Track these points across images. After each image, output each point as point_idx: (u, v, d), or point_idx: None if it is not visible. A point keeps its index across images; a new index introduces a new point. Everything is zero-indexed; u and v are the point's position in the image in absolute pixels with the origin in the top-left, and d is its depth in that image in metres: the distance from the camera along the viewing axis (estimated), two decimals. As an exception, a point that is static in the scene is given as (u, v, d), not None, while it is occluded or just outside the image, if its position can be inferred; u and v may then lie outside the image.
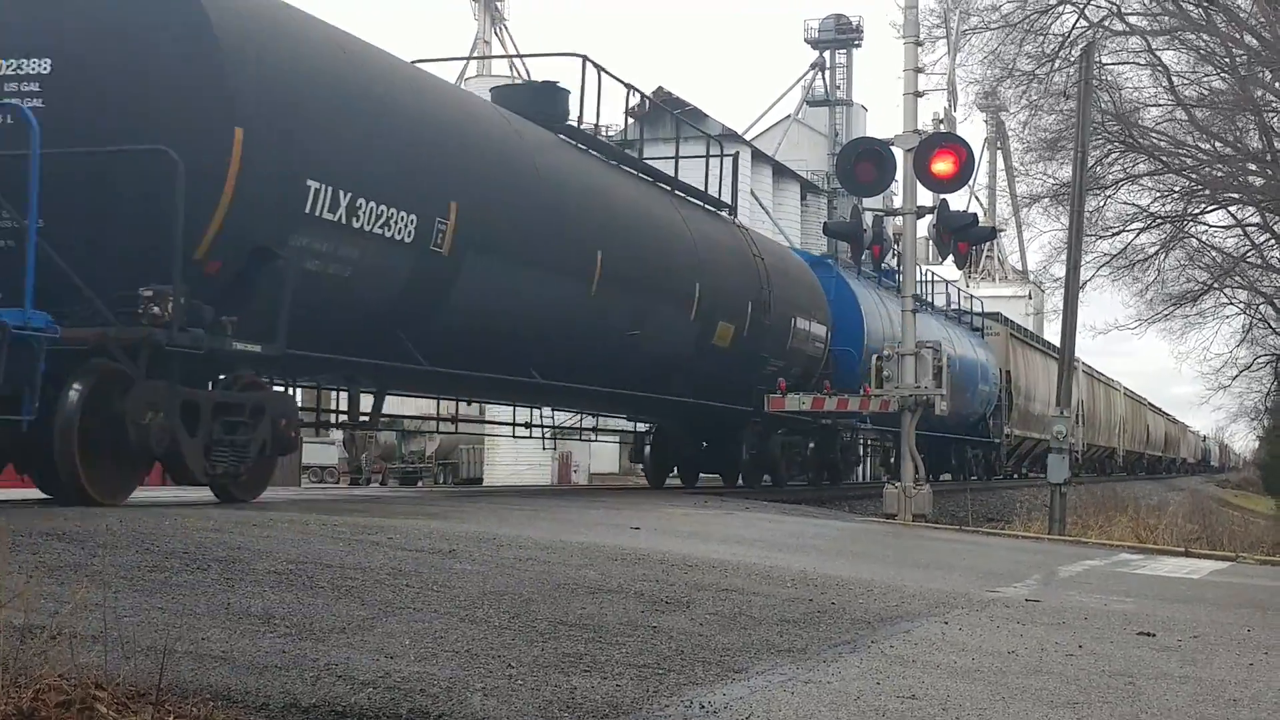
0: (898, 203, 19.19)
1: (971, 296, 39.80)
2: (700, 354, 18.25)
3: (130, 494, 9.52)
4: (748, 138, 52.04)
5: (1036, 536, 16.77)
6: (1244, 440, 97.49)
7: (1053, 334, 42.13)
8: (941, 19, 26.88)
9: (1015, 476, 42.96)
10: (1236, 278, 34.91)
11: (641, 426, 22.82)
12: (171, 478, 10.18)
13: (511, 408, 20.19)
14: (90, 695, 3.71)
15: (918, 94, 17.98)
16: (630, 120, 33.35)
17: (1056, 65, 27.18)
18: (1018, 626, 6.73)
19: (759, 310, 19.59)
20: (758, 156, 49.63)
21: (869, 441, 32.83)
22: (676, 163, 19.10)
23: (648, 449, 22.19)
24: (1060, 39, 27.04)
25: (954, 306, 36.06)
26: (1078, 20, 26.80)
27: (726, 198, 20.72)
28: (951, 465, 34.69)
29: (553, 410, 20.59)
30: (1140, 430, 69.08)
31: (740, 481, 21.58)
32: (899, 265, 21.45)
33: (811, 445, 23.93)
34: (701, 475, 22.82)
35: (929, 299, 32.84)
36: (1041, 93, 28.25)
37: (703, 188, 20.39)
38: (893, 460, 34.66)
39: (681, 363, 17.93)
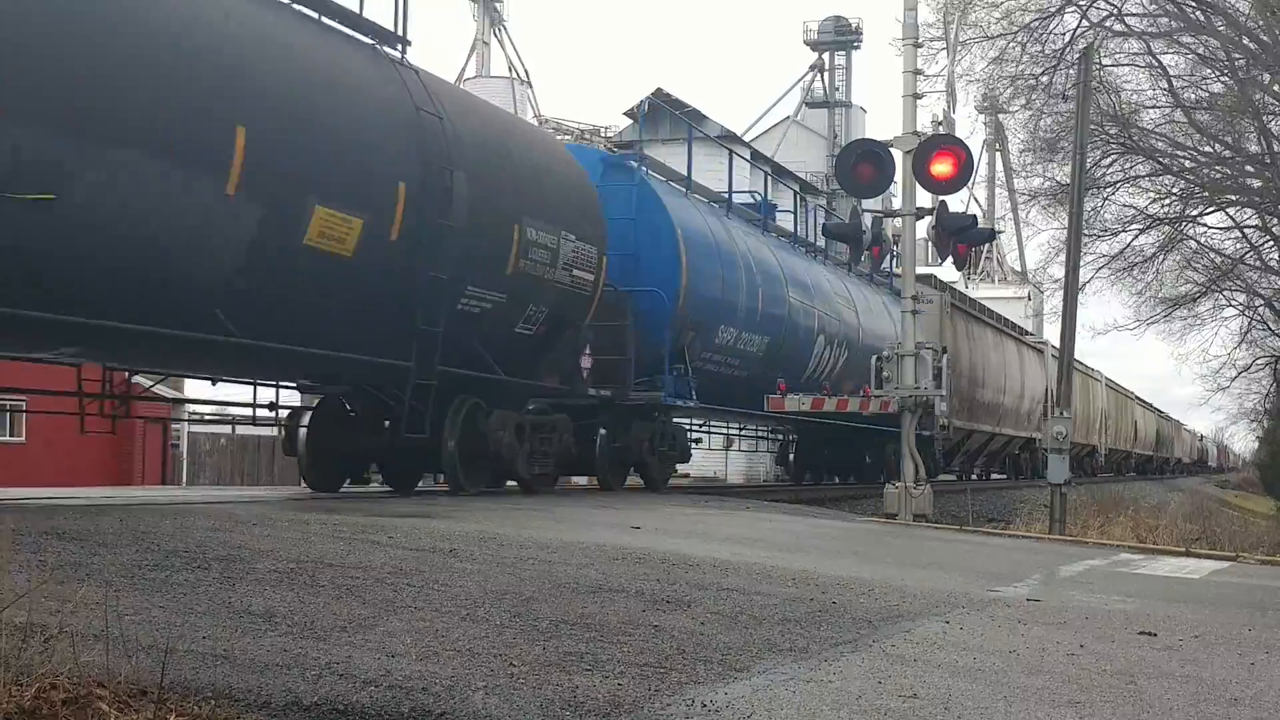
0: (897, 204, 19.20)
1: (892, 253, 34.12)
2: (268, 261, 10.38)
3: None
4: (747, 139, 52.07)
5: (1037, 536, 16.76)
6: (1244, 441, 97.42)
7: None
8: (941, 28, 26.90)
9: (964, 479, 36.82)
10: (1235, 280, 34.93)
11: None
12: None
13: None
14: (92, 693, 3.70)
15: (917, 96, 18.01)
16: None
17: (1057, 67, 27.21)
18: (1019, 626, 6.73)
19: (430, 201, 12.01)
20: (757, 157, 49.71)
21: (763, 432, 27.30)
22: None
23: (303, 433, 14.09)
24: (1062, 40, 27.08)
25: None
26: (1080, 21, 26.84)
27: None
28: (865, 464, 27.99)
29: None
30: (1126, 427, 63.23)
31: (449, 483, 14.25)
32: (898, 266, 21.42)
33: (602, 431, 17.17)
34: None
35: (817, 241, 26.04)
36: (1042, 97, 28.29)
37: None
38: (791, 456, 29.76)
39: (214, 272, 10.04)
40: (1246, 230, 32.71)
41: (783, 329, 21.43)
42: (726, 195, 21.57)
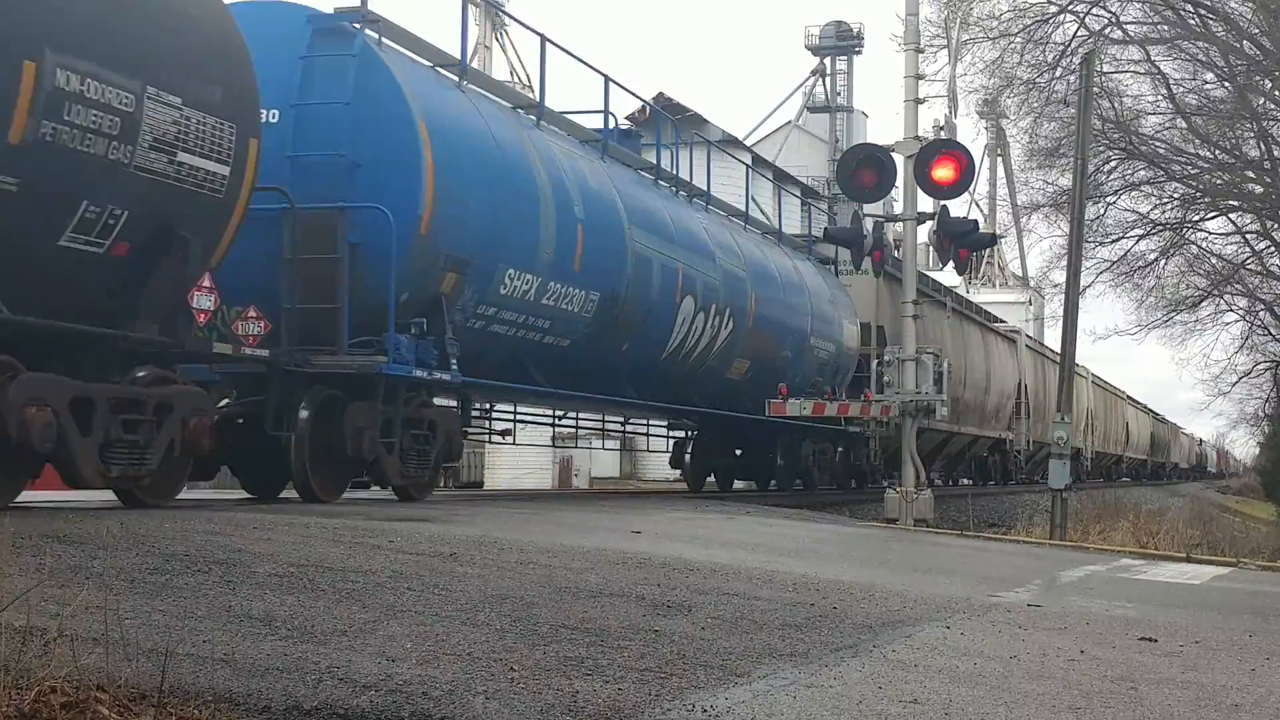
0: (898, 209, 19.22)
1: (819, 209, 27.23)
2: None
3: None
4: (749, 143, 52.12)
5: (1037, 542, 16.75)
6: (1245, 446, 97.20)
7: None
8: (942, 29, 26.90)
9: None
10: (1236, 284, 34.98)
11: None
12: None
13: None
14: (92, 697, 3.70)
15: (918, 101, 18.04)
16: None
17: (1057, 74, 27.27)
18: (1020, 631, 6.73)
19: None
20: (758, 162, 49.77)
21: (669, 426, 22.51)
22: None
23: None
24: (1060, 48, 27.13)
25: (801, 234, 25.33)
26: (1078, 29, 26.90)
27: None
28: (778, 466, 23.26)
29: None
30: (1116, 429, 58.58)
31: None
32: (900, 271, 21.40)
33: (303, 414, 11.51)
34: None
35: (697, 181, 20.01)
36: (1042, 101, 28.32)
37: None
38: (688, 456, 23.42)
39: None
40: (1247, 235, 32.78)
41: (622, 283, 15.99)
42: (538, 99, 15.79)
